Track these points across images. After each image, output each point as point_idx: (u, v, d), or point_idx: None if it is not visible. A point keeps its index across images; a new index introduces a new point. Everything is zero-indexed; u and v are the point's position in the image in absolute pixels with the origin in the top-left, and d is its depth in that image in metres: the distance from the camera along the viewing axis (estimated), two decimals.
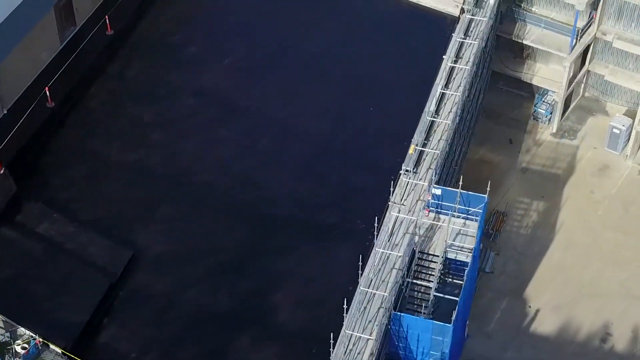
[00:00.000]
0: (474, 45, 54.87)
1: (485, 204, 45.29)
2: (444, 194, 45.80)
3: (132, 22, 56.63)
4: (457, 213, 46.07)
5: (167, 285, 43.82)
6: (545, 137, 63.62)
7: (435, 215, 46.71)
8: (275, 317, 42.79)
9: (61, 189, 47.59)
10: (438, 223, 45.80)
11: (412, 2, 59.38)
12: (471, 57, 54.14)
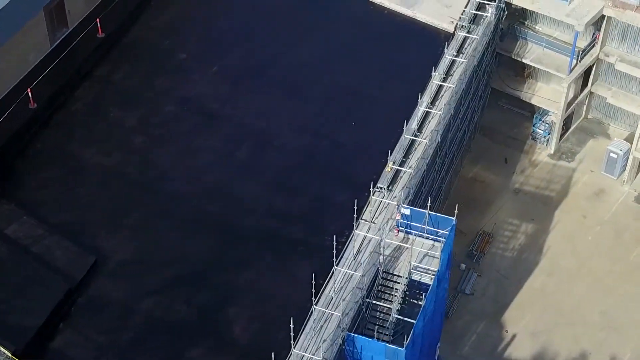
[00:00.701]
0: (465, 64, 54.12)
1: (452, 226, 44.48)
2: (412, 214, 45.17)
3: (125, 25, 56.74)
4: (425, 234, 45.39)
5: (126, 293, 43.65)
6: (542, 158, 62.58)
7: (404, 235, 46.10)
8: (229, 331, 42.44)
9: (34, 191, 47.71)
10: (404, 244, 45.14)
11: (407, 16, 58.76)
12: (461, 75, 53.47)
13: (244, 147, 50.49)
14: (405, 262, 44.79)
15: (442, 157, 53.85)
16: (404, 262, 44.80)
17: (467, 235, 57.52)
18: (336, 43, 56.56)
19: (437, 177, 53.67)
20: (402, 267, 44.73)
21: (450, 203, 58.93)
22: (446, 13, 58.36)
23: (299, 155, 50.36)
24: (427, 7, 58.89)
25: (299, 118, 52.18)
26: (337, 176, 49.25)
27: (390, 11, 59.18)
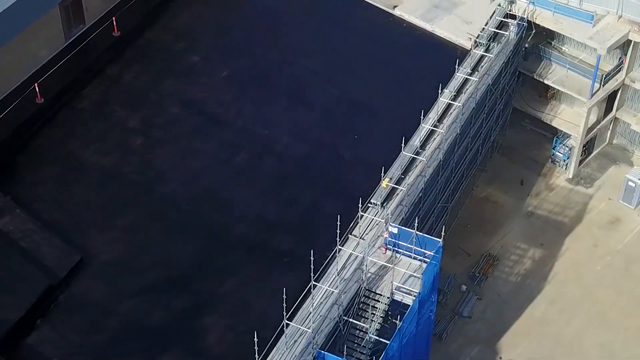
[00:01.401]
0: (477, 82, 53.22)
1: (438, 248, 43.67)
2: (400, 233, 44.52)
3: (142, 25, 56.98)
4: (413, 254, 44.71)
5: (107, 294, 43.73)
6: (560, 182, 61.21)
7: (392, 254, 45.47)
8: (203, 339, 42.23)
9: (31, 186, 48.09)
10: (387, 263, 44.48)
11: (426, 30, 58.04)
12: (472, 94, 52.62)
13: (242, 153, 50.32)
14: (388, 282, 44.09)
15: (448, 176, 52.98)
16: (388, 281, 44.10)
17: (471, 257, 56.49)
18: (349, 53, 56.09)
19: (441, 196, 52.80)
20: (385, 287, 44.06)
21: (459, 223, 58.14)
22: (465, 29, 57.48)
23: (297, 165, 50.03)
24: (447, 23, 58.09)
25: (300, 127, 51.84)
26: (332, 188, 48.80)
27: (409, 24, 58.53)
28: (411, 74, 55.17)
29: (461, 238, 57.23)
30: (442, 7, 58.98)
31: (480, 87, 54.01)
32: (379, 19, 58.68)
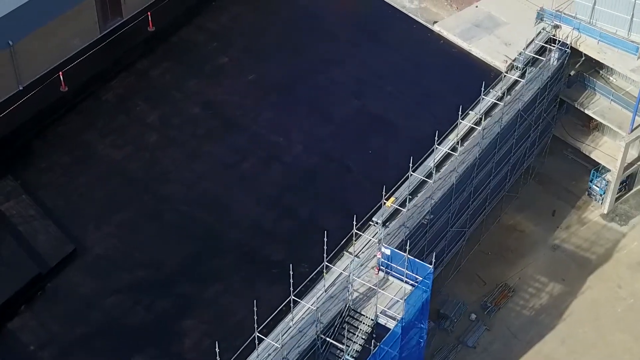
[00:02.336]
0: (504, 108, 51.43)
1: (428, 274, 42.23)
2: (392, 255, 43.25)
3: (178, 23, 57.02)
4: (405, 278, 43.39)
5: (93, 287, 43.73)
6: (593, 217, 58.71)
7: (384, 275, 44.26)
8: (178, 343, 41.79)
9: (41, 173, 48.58)
10: (374, 284, 43.24)
11: (462, 49, 56.43)
12: (499, 119, 50.86)
13: (250, 159, 49.78)
14: (376, 304, 42.86)
15: (465, 200, 51.31)
16: (374, 303, 42.88)
17: (487, 285, 54.62)
18: (379, 66, 54.98)
19: (455, 220, 51.14)
20: (370, 309, 42.86)
21: (480, 249, 56.37)
22: (503, 51, 55.63)
23: (303, 176, 49.19)
24: (485, 43, 56.35)
25: (314, 138, 50.98)
26: (334, 203, 47.77)
27: (446, 41, 56.99)
28: (439, 92, 53.65)
29: (480, 265, 55.44)
30: (483, 26, 57.22)
31: (508, 111, 52.09)
32: (417, 33, 57.33)
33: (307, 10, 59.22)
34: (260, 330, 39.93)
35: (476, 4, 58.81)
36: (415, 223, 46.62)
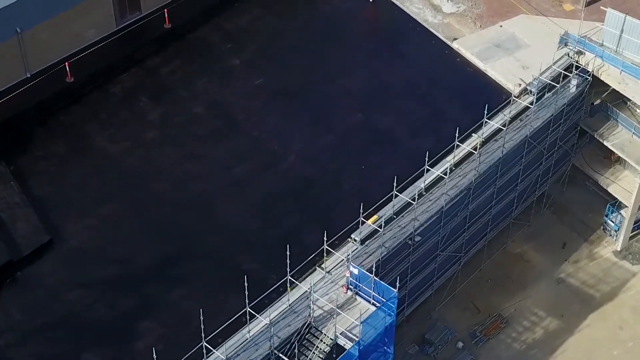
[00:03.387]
0: (506, 133, 49.14)
1: (392, 297, 40.42)
2: (360, 275, 41.54)
3: (195, 22, 56.02)
4: (372, 300, 41.67)
5: (61, 279, 42.99)
6: (605, 253, 55.79)
7: (352, 295, 42.60)
8: (132, 345, 40.78)
9: (35, 160, 48.16)
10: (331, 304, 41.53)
11: (478, 69, 54.18)
12: (504, 144, 48.68)
13: (245, 164, 48.50)
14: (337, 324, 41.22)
15: (459, 224, 49.19)
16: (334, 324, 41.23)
17: (481, 314, 52.30)
18: (390, 80, 53.11)
19: (447, 244, 49.07)
20: (331, 328, 41.25)
21: (480, 276, 54.16)
22: (520, 74, 53.15)
23: (293, 186, 47.68)
24: (503, 64, 53.92)
25: (312, 148, 49.43)
26: (320, 216, 46.09)
27: (463, 60, 54.77)
28: (448, 112, 51.51)
29: (478, 292, 53.19)
30: (504, 47, 54.80)
31: (513, 137, 49.78)
32: (434, 49, 55.22)
33: (328, 17, 57.66)
34: (215, 341, 38.91)
35: (501, 23, 56.42)
36: (396, 244, 44.75)
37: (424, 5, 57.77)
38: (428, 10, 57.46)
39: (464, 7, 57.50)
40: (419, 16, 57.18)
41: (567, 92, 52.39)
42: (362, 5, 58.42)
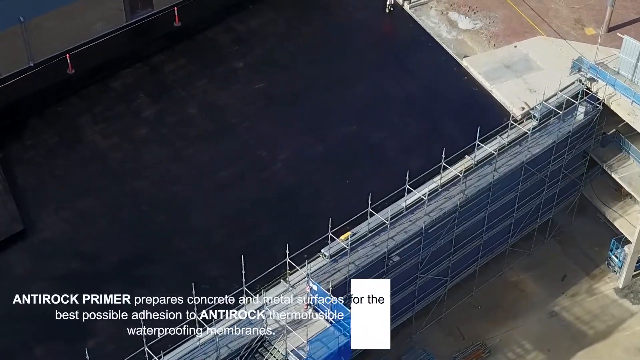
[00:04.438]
0: (496, 158, 47.05)
1: (346, 317, 38.78)
2: (319, 291, 40.05)
3: (206, 22, 55.11)
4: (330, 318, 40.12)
5: (25, 271, 42.34)
6: (605, 290, 53.04)
7: (312, 311, 41.09)
8: (85, 341, 39.86)
9: (25, 149, 47.75)
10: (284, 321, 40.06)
11: (484, 89, 52.08)
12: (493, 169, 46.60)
13: (229, 169, 47.33)
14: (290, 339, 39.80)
15: (443, 248, 47.23)
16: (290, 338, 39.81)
17: (465, 341, 50.16)
18: (391, 93, 51.32)
19: (429, 267, 47.14)
20: (283, 343, 39.82)
21: (470, 301, 52.02)
22: (526, 97, 50.81)
23: (273, 195, 46.32)
24: (510, 86, 51.59)
25: (300, 157, 48.00)
26: (294, 228, 44.61)
27: (470, 79, 52.65)
28: (445, 131, 49.51)
29: (466, 318, 51.02)
30: (514, 68, 52.46)
31: (509, 162, 47.58)
32: (442, 66, 53.21)
33: (341, 26, 56.10)
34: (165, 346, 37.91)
35: (516, 43, 54.08)
36: (367, 262, 43.09)
37: (440, 20, 55.71)
38: (444, 25, 55.39)
39: (480, 25, 55.27)
40: (434, 30, 55.14)
41: (573, 119, 49.80)
42: (378, 16, 56.77)
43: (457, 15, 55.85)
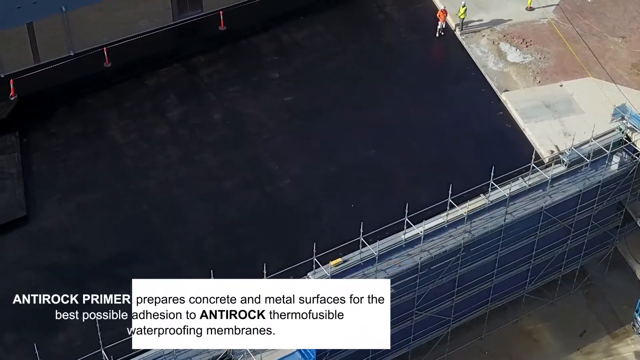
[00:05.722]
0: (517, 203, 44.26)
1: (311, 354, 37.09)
2: None
3: (253, 29, 54.24)
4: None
5: (17, 257, 42.40)
6: (625, 351, 49.31)
7: None
8: (55, 334, 39.40)
9: (47, 137, 48.06)
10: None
11: (517, 126, 49.19)
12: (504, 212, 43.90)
13: (235, 179, 46.28)
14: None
15: (446, 287, 44.75)
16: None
17: None
18: (418, 120, 49.05)
19: (427, 305, 44.72)
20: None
21: (479, 345, 49.23)
22: (558, 140, 47.59)
23: (273, 209, 44.92)
24: (544, 127, 48.43)
25: (307, 176, 46.39)
26: (285, 247, 43.08)
27: (506, 114, 49.78)
28: (464, 165, 46.83)
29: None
30: (554, 108, 49.22)
31: (526, 206, 44.63)
32: (479, 98, 50.51)
33: (388, 46, 54.07)
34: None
35: (563, 82, 50.75)
36: None
37: (490, 50, 52.90)
38: (492, 55, 52.58)
39: (530, 59, 52.16)
40: (480, 60, 52.42)
41: (606, 169, 46.27)
42: (427, 40, 54.45)
43: (508, 46, 52.87)
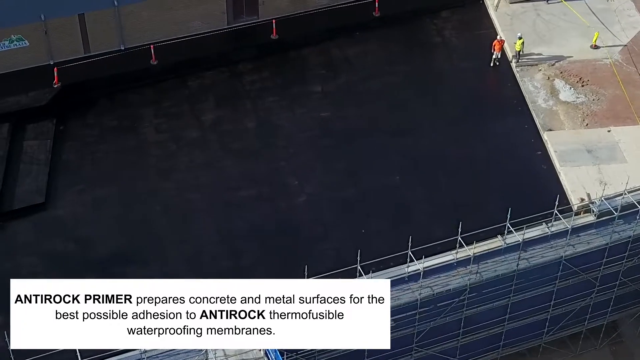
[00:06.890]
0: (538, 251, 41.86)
1: None
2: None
3: (305, 41, 53.13)
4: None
5: (26, 243, 42.74)
6: None
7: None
8: None
9: (82, 127, 48.46)
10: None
11: (552, 169, 46.46)
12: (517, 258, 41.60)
13: (251, 190, 45.44)
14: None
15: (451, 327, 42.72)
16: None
17: None
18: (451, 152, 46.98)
19: (426, 342, 42.77)
20: None
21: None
22: (592, 188, 44.63)
23: (282, 227, 43.88)
24: (580, 173, 45.56)
25: (325, 197, 45.08)
26: (285, 266, 41.76)
27: (544, 155, 47.05)
28: (487, 204, 44.44)
29: None
30: (595, 154, 46.21)
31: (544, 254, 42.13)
32: (521, 135, 47.89)
33: (440, 71, 52.03)
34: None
35: (611, 128, 47.62)
36: None
37: (543, 86, 50.19)
38: (544, 91, 49.86)
39: (582, 99, 49.20)
40: (530, 95, 49.80)
41: (638, 224, 43.12)
42: (480, 69, 52.11)
43: (562, 84, 50.02)
